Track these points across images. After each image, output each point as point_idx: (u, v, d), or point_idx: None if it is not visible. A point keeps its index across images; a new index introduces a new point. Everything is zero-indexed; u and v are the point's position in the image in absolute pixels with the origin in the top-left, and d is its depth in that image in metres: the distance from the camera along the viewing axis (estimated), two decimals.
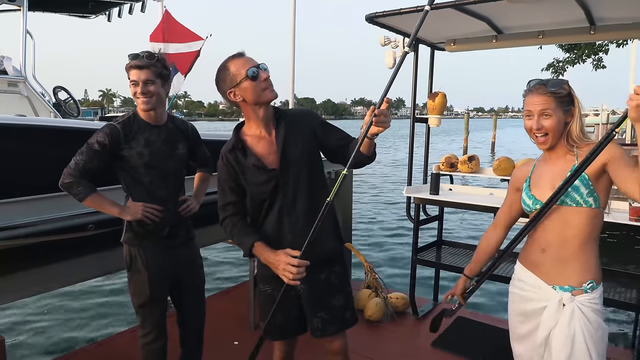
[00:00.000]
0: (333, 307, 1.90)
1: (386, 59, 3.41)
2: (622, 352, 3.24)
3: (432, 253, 3.70)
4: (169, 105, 5.24)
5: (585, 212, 1.56)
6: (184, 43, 5.24)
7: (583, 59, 10.32)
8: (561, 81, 1.61)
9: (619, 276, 3.07)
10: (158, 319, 2.23)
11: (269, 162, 1.78)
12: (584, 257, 1.59)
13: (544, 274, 1.65)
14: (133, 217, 2.10)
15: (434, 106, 3.44)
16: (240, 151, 1.78)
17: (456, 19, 2.88)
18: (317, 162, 1.88)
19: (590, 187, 1.55)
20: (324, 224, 1.69)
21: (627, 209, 2.62)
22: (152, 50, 2.21)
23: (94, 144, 2.03)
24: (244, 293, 3.84)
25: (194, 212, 2.31)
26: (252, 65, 1.71)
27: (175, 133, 2.23)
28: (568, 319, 1.56)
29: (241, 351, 3.15)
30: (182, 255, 2.28)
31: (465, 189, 3.73)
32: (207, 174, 2.54)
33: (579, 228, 1.57)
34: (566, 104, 1.59)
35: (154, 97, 2.06)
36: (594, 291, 1.58)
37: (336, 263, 1.94)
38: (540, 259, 1.65)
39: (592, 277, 1.59)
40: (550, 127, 1.59)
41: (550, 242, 1.62)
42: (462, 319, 3.57)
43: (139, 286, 2.17)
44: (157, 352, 2.26)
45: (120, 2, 5.27)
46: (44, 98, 4.53)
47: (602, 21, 2.83)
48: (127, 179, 2.14)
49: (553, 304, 1.59)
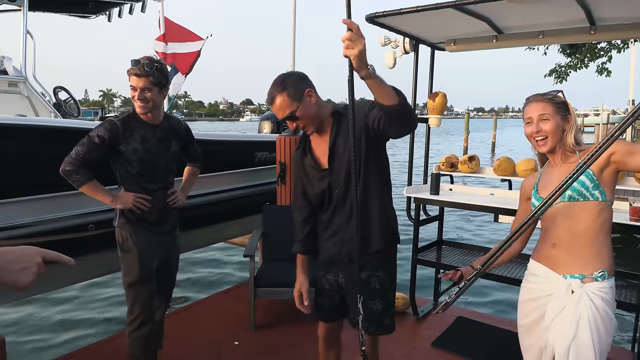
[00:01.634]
0: (370, 310, 1.91)
1: (386, 59, 3.41)
2: (622, 353, 3.23)
3: (432, 253, 3.70)
4: (169, 106, 5.24)
5: (593, 205, 1.60)
6: (184, 43, 5.25)
7: (585, 63, 10.26)
8: (556, 91, 1.72)
9: (619, 276, 3.07)
10: (145, 301, 2.34)
11: (322, 163, 1.89)
12: (595, 248, 1.62)
13: (555, 265, 1.68)
14: (124, 206, 2.29)
15: (434, 106, 3.43)
16: (302, 151, 1.95)
17: (456, 19, 2.88)
18: (370, 155, 1.82)
19: (595, 182, 1.59)
20: (367, 219, 1.82)
21: (627, 209, 2.61)
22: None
23: (95, 137, 2.21)
24: (244, 293, 3.84)
25: (180, 203, 2.52)
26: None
27: (170, 132, 2.42)
28: (575, 304, 1.58)
29: (241, 351, 3.17)
30: (166, 242, 2.47)
31: (465, 189, 3.73)
32: (196, 168, 2.77)
33: (588, 222, 1.60)
34: (563, 111, 1.69)
35: (149, 102, 2.24)
36: (605, 281, 1.60)
37: (380, 267, 1.93)
38: (552, 253, 1.70)
39: (604, 266, 1.61)
40: (549, 130, 1.67)
41: (561, 237, 1.66)
42: (462, 319, 3.58)
43: (130, 264, 2.32)
44: (143, 339, 2.35)
45: (120, 2, 5.28)
46: (44, 98, 4.54)
47: (603, 21, 2.83)
48: (120, 171, 2.32)
49: (561, 290, 1.62)
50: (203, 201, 3.60)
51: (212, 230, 4.05)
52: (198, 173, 2.77)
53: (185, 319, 3.61)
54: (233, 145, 4.02)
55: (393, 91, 1.49)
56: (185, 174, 2.74)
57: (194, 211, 3.46)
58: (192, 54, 5.23)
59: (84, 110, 5.62)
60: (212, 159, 3.66)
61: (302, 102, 1.77)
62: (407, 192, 3.57)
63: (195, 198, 3.48)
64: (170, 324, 2.61)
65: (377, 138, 1.79)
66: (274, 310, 3.73)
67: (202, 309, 3.86)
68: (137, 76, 2.19)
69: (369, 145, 1.80)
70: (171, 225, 2.50)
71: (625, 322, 4.98)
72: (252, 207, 3.98)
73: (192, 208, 3.40)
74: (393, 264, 2.02)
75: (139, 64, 2.19)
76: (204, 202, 3.60)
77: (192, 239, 3.85)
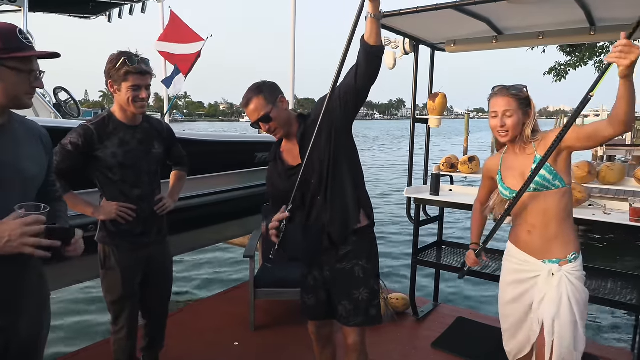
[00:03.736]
0: (357, 300, 1.96)
1: (386, 59, 3.41)
2: (622, 353, 3.23)
3: (432, 253, 3.70)
4: (169, 106, 5.24)
5: (556, 193, 1.84)
6: (185, 44, 5.24)
7: (585, 61, 10.25)
8: (521, 86, 1.91)
9: (618, 277, 3.07)
10: (129, 316, 2.26)
11: (293, 165, 2.00)
12: (565, 233, 1.88)
13: (533, 251, 1.93)
14: (107, 216, 2.12)
15: (434, 107, 3.44)
16: (273, 157, 2.09)
17: (456, 19, 2.88)
18: (339, 142, 1.92)
19: (553, 172, 1.82)
20: (343, 201, 1.92)
21: (627, 210, 2.61)
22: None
23: (67, 145, 2.04)
24: (244, 294, 3.85)
25: (168, 210, 2.33)
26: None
27: (151, 133, 2.26)
28: (556, 285, 1.84)
29: (242, 351, 3.17)
30: (154, 254, 2.30)
31: (465, 190, 3.73)
32: (182, 172, 2.57)
33: (556, 208, 1.85)
34: (525, 106, 1.88)
35: (147, 100, 2.12)
36: (577, 260, 1.88)
37: (363, 256, 1.99)
38: (528, 239, 1.94)
39: (574, 249, 1.89)
40: (511, 125, 1.87)
41: (535, 225, 1.90)
42: (462, 319, 3.58)
43: (112, 283, 2.21)
44: (129, 348, 2.29)
45: (120, 3, 5.28)
46: (44, 99, 4.54)
47: (603, 22, 2.83)
48: (100, 179, 2.16)
49: (544, 274, 1.88)
50: (203, 202, 3.59)
51: (212, 230, 4.04)
52: (185, 177, 2.58)
53: (185, 320, 3.61)
54: (233, 146, 4.02)
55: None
56: (172, 178, 2.55)
57: (194, 212, 3.46)
58: (192, 54, 5.22)
59: (84, 111, 5.61)
60: (212, 160, 3.66)
61: (275, 105, 1.93)
62: (407, 193, 3.57)
63: (195, 199, 3.48)
64: (171, 324, 2.60)
65: (346, 110, 1.89)
66: (274, 311, 3.73)
67: (202, 310, 3.87)
68: (142, 74, 2.05)
69: (337, 135, 1.91)
70: (159, 235, 2.32)
71: (626, 322, 4.98)
72: (252, 207, 3.98)
73: (192, 209, 3.40)
74: (374, 252, 2.06)
75: (136, 60, 2.03)
76: (204, 202, 3.60)
77: (192, 240, 3.85)
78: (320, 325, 2.18)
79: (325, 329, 2.20)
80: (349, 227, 1.95)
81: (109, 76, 2.07)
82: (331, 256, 1.99)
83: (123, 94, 2.06)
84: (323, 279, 2.05)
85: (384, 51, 1.82)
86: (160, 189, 2.35)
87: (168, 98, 5.29)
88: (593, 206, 2.93)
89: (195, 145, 3.36)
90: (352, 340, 2.01)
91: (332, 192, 1.92)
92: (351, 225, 1.96)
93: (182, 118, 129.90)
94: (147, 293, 2.35)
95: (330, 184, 1.92)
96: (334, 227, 1.94)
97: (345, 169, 1.95)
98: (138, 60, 2.05)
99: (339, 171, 1.93)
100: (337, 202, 1.93)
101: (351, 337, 2.00)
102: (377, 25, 1.70)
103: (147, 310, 2.42)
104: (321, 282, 2.06)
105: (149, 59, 2.14)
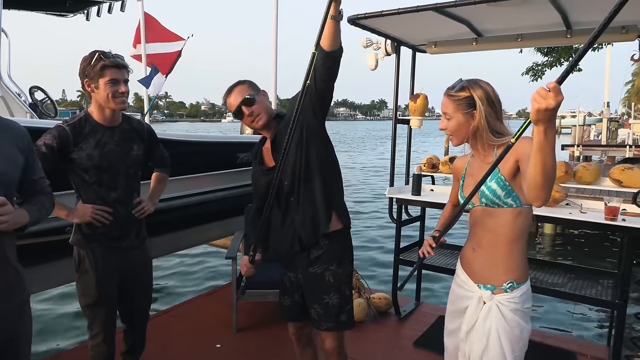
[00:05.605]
0: (327, 305, 1.96)
1: (368, 60, 3.43)
2: (598, 349, 3.31)
3: (414, 253, 3.72)
4: (149, 106, 5.17)
5: (510, 212, 1.59)
6: (164, 43, 5.18)
7: (560, 62, 10.49)
8: (463, 85, 1.62)
9: (595, 274, 3.15)
10: (104, 321, 2.18)
11: (268, 163, 2.04)
12: (510, 259, 1.62)
13: (472, 272, 1.72)
14: (81, 219, 2.06)
15: (416, 108, 3.47)
16: (254, 157, 2.13)
17: (437, 21, 2.91)
18: (310, 141, 1.92)
19: (507, 188, 1.57)
20: (313, 204, 1.92)
21: (602, 209, 2.68)
22: (130, 55, 2.23)
23: (42, 147, 1.97)
24: (226, 295, 3.82)
25: (148, 213, 2.27)
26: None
27: (131, 134, 2.20)
28: (485, 316, 1.63)
29: (224, 354, 3.14)
30: (132, 258, 2.23)
31: (446, 190, 3.77)
32: (164, 174, 2.51)
33: (506, 228, 1.61)
34: (465, 107, 1.61)
35: (126, 96, 2.07)
36: (515, 290, 1.62)
37: (334, 261, 1.97)
38: (471, 258, 1.72)
39: (513, 277, 1.62)
40: (450, 128, 1.65)
41: (481, 243, 1.68)
42: (443, 318, 3.60)
43: (87, 287, 2.13)
44: (105, 354, 2.21)
45: (99, 1, 5.18)
46: (19, 98, 4.42)
47: (578, 25, 2.90)
48: (76, 181, 2.10)
49: (474, 301, 1.67)
50: (184, 203, 3.56)
51: (194, 232, 4.00)
52: (167, 179, 2.52)
53: (167, 322, 3.57)
54: (215, 147, 3.98)
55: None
56: (153, 180, 2.48)
57: (175, 213, 3.42)
58: (172, 54, 5.17)
59: (61, 111, 5.50)
60: (194, 160, 3.63)
61: (258, 94, 1.99)
62: (389, 193, 3.60)
63: (176, 200, 3.44)
64: (152, 327, 2.56)
65: (314, 112, 1.88)
66: (257, 312, 3.71)
67: (183, 312, 3.82)
68: (119, 67, 2.00)
69: (308, 137, 1.91)
70: (137, 238, 2.25)
71: (602, 318, 5.11)
72: (234, 208, 3.95)
73: (173, 210, 3.36)
74: (347, 257, 2.04)
75: (111, 55, 2.00)
76: (185, 203, 3.56)
77: (174, 242, 3.81)
78: (299, 327, 2.19)
79: (305, 330, 2.20)
80: (319, 230, 1.94)
81: (85, 75, 2.02)
82: (303, 259, 1.99)
83: (101, 90, 2.00)
84: (297, 281, 2.06)
85: (342, 52, 1.76)
86: (140, 191, 2.28)
87: (148, 98, 5.21)
88: (570, 205, 3.00)
89: (176, 146, 3.32)
90: (328, 345, 2.01)
91: (303, 195, 1.93)
92: (322, 228, 1.94)
93: (163, 118, 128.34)
94: (126, 297, 2.29)
95: (303, 187, 1.93)
96: (304, 230, 1.94)
97: (316, 172, 1.93)
98: (113, 55, 2.02)
99: (310, 174, 1.93)
100: (307, 204, 1.93)
101: (327, 342, 2.01)
102: (335, 27, 1.63)
103: (127, 314, 2.37)
104: (296, 285, 2.07)
105: (124, 56, 2.10)
